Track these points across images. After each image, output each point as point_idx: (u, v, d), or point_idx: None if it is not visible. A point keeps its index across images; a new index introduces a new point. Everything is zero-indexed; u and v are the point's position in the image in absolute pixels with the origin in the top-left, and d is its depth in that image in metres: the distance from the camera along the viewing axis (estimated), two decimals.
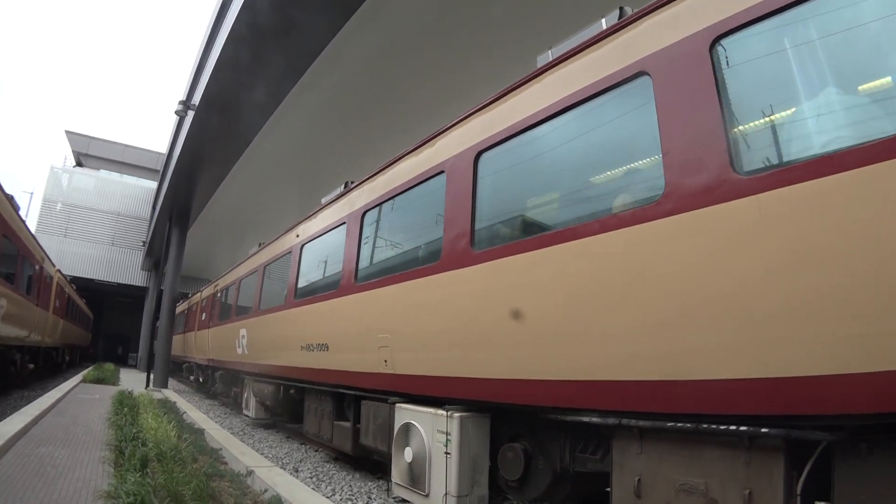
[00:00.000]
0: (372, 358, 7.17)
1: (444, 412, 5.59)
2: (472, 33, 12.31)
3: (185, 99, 15.50)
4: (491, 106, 5.83)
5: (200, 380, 21.75)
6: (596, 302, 4.26)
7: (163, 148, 38.09)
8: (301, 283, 10.26)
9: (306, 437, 11.95)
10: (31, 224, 37.75)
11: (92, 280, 40.14)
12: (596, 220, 4.33)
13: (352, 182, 9.30)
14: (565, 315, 4.51)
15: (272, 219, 25.85)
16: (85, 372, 24.91)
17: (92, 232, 41.22)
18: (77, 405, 14.03)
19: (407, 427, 6.24)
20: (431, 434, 5.79)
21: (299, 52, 12.54)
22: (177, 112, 15.68)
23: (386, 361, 6.90)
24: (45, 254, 19.47)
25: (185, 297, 28.00)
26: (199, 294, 22.92)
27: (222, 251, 37.09)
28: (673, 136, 3.86)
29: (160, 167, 34.17)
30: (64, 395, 15.50)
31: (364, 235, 8.04)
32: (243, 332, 13.41)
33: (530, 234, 5.03)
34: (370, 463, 8.84)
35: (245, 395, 14.36)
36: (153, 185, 40.68)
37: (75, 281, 34.63)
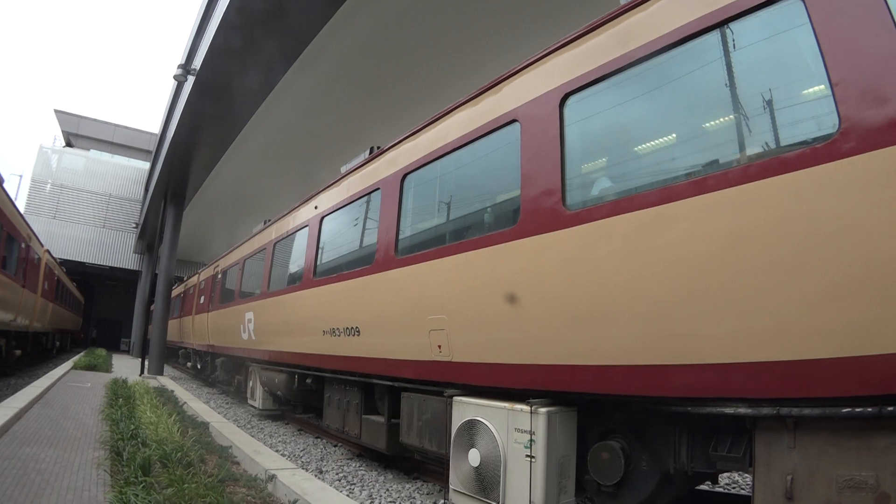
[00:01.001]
0: (419, 343, 6.17)
1: (527, 407, 4.61)
2: (465, 19, 12.32)
3: (184, 62, 14.26)
4: (578, 41, 4.85)
5: (198, 366, 20.60)
6: (769, 262, 3.31)
7: (155, 129, 37.70)
8: (322, 260, 9.16)
9: (323, 430, 10.98)
10: (20, 206, 36.80)
11: (83, 263, 38.80)
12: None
13: (378, 147, 8.28)
14: (713, 281, 3.53)
15: (271, 199, 25.02)
16: (76, 358, 23.75)
17: (82, 213, 39.74)
18: (67, 395, 12.92)
19: (471, 425, 5.22)
20: (506, 433, 4.79)
21: (301, 28, 12.20)
22: (176, 77, 14.47)
23: (440, 347, 5.86)
24: (33, 232, 18.20)
25: (180, 280, 26.81)
26: (196, 276, 21.69)
27: (218, 234, 36.13)
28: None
29: (152, 148, 33.36)
30: (53, 384, 14.39)
31: (405, 201, 6.96)
32: (250, 315, 12.30)
33: (653, 186, 3.99)
34: (400, 461, 7.91)
35: (251, 383, 13.27)
36: (145, 165, 39.82)
37: (66, 264, 33.63)
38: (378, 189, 7.51)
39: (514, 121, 5.25)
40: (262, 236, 12.69)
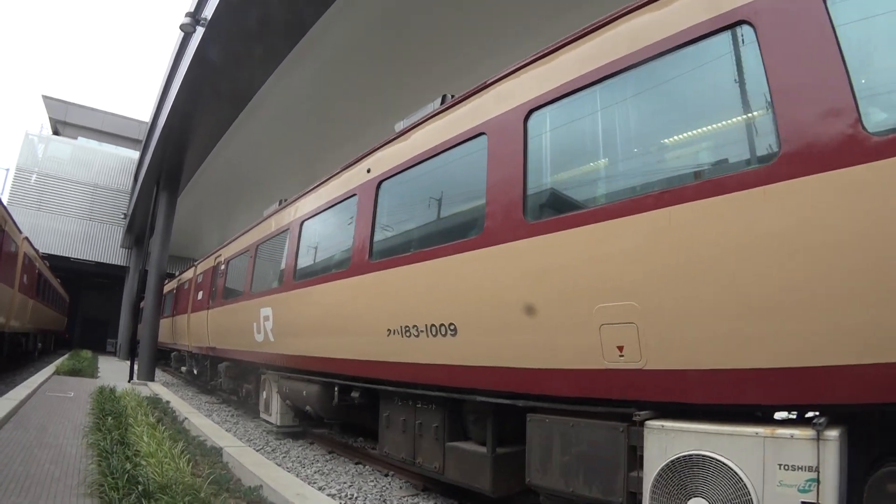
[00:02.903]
0: (579, 344, 4.33)
1: (804, 431, 3.12)
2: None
3: (192, 11, 12.04)
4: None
5: (195, 372, 18.27)
6: None
7: (145, 118, 35.36)
8: (382, 237, 7.12)
9: (354, 449, 9.10)
10: (3, 197, 34.47)
11: (67, 258, 36.37)
12: None
13: (451, 96, 6.43)
14: None
15: (272, 188, 22.75)
16: (59, 361, 21.39)
17: (68, 205, 37.28)
18: (46, 409, 10.74)
19: (690, 463, 3.46)
20: (761, 473, 3.23)
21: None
22: (182, 27, 12.23)
23: (621, 349, 4.01)
24: (9, 215, 15.74)
25: (171, 277, 24.52)
26: (192, 269, 19.39)
27: (211, 227, 34.39)
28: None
29: (142, 137, 31.22)
30: (31, 394, 12.22)
31: (532, 144, 5.05)
32: (266, 312, 10.15)
33: None
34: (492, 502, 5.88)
35: (264, 394, 11.10)
36: (134, 154, 37.39)
37: (50, 259, 31.29)
38: (482, 134, 5.58)
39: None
40: (283, 215, 10.52)
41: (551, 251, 4.55)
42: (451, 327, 5.49)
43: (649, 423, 3.79)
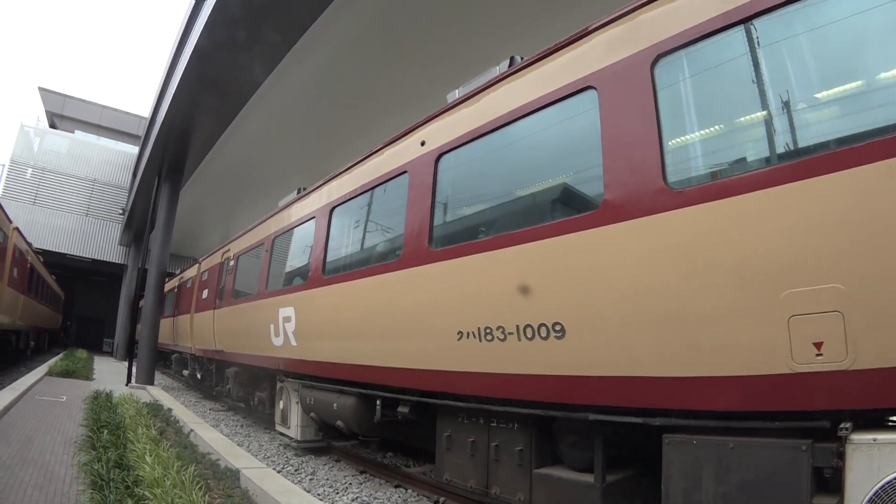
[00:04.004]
0: (751, 343, 3.32)
1: None
2: None
3: None
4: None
5: (198, 376, 16.96)
6: None
7: (145, 113, 34.15)
8: (447, 220, 6.00)
9: (403, 474, 7.82)
10: None
11: (63, 255, 35.09)
12: None
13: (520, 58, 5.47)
14: None
15: (275, 186, 21.29)
16: (52, 361, 20.11)
17: (65, 200, 36.03)
18: (34, 416, 9.53)
19: None
20: None
21: None
22: None
23: (819, 346, 3.06)
24: None
25: (170, 276, 23.19)
26: (196, 267, 18.08)
27: (213, 226, 33.24)
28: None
29: (141, 132, 30.09)
30: (18, 398, 10.97)
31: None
32: (287, 312, 8.91)
33: None
34: None
35: (281, 404, 9.86)
36: (134, 150, 36.35)
37: (45, 255, 30.00)
38: (591, 88, 4.43)
39: None
40: (307, 203, 9.27)
41: (716, 221, 3.42)
42: (557, 328, 4.30)
43: (855, 436, 2.93)
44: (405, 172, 6.54)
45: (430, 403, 5.93)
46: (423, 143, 6.37)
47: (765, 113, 3.50)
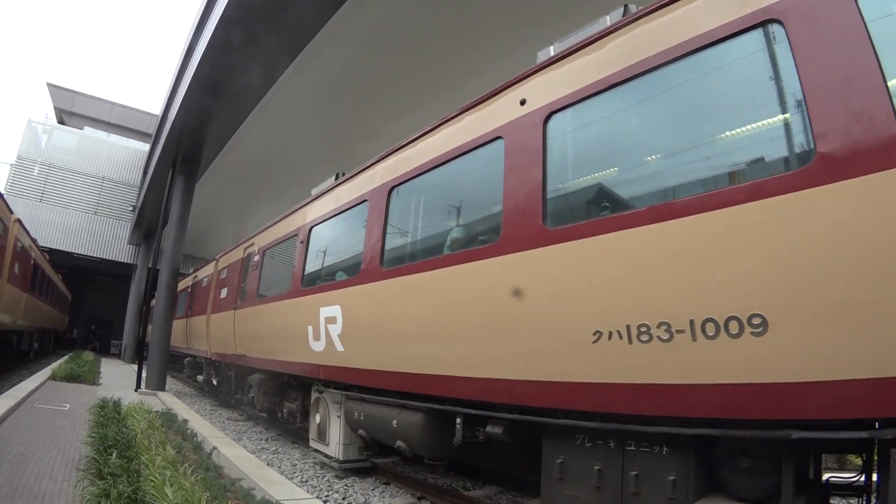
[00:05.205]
0: None
1: None
2: None
3: None
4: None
5: (214, 382, 15.59)
6: None
7: (156, 111, 33.00)
8: (566, 191, 4.77)
9: (469, 500, 6.49)
10: (2, 188, 31.95)
11: (71, 254, 33.83)
12: None
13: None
14: None
15: (295, 182, 20.99)
16: (56, 365, 18.77)
17: (73, 198, 34.73)
18: (32, 429, 8.23)
19: None
20: None
21: None
22: None
23: None
24: None
25: (182, 275, 21.88)
26: (213, 264, 16.73)
27: (226, 224, 32.40)
28: None
29: (152, 130, 28.81)
30: (16, 406, 9.69)
31: None
32: (330, 312, 7.57)
33: None
34: None
35: (318, 418, 8.52)
36: (144, 147, 35.04)
37: (51, 254, 28.88)
38: None
39: None
40: (355, 185, 7.94)
41: None
42: (756, 321, 3.05)
43: None
44: (498, 139, 5.22)
45: (538, 422, 4.58)
46: (522, 102, 5.07)
47: None
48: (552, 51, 5.09)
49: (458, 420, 5.42)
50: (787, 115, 3.37)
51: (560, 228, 4.34)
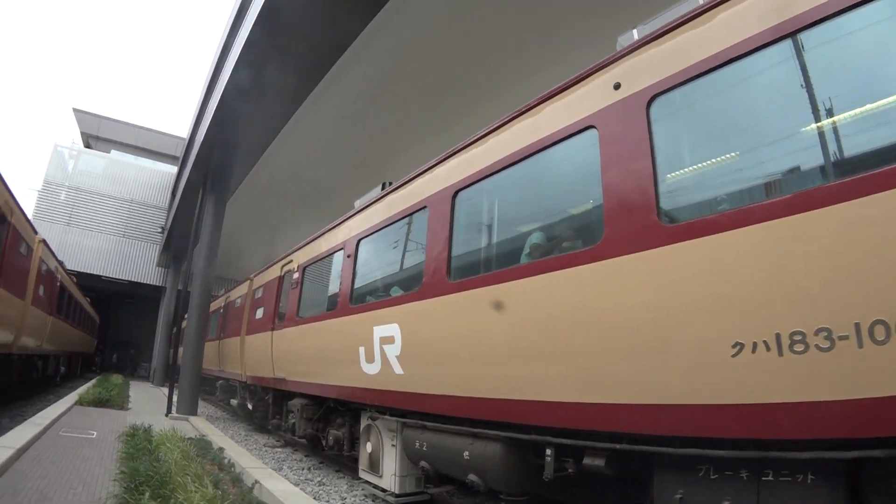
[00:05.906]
0: None
1: None
2: None
3: None
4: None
5: (249, 406, 14.93)
6: None
7: (182, 134, 32.91)
8: (688, 183, 4.05)
9: None
10: (28, 210, 31.84)
11: (99, 277, 33.63)
12: None
13: None
14: None
15: (325, 202, 21.03)
16: (83, 389, 18.27)
17: (100, 221, 34.64)
18: (55, 461, 7.60)
19: None
20: None
21: None
22: None
23: None
24: (18, 205, 12.22)
25: (213, 297, 21.38)
26: (247, 283, 16.16)
27: (255, 245, 31.96)
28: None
29: (179, 153, 28.57)
30: (39, 435, 9.09)
31: None
32: (386, 331, 6.88)
33: None
34: None
35: (369, 446, 7.81)
36: (172, 169, 35.14)
37: (80, 277, 28.65)
38: None
39: None
40: (410, 192, 7.29)
41: None
42: None
43: None
44: (590, 128, 4.54)
45: (650, 452, 3.86)
46: (617, 87, 4.39)
47: None
48: (636, 34, 4.47)
49: (549, 451, 4.69)
50: None
51: (673, 226, 3.65)
